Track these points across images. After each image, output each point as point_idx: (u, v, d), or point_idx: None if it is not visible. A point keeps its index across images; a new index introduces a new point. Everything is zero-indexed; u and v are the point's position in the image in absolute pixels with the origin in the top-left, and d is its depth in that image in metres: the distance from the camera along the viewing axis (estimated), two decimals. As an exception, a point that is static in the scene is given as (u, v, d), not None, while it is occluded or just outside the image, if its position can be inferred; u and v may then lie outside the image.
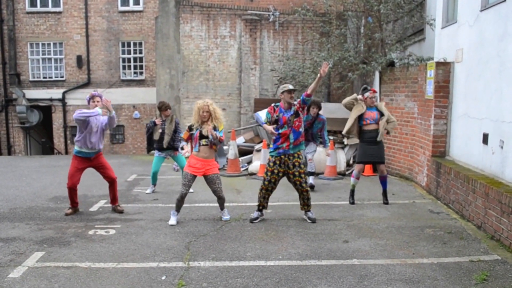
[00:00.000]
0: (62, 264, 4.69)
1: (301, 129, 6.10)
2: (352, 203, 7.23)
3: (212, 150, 6.07)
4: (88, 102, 6.62)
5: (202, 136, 5.99)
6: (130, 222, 6.29)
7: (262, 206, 6.29)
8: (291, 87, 6.00)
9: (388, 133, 7.25)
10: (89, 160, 6.59)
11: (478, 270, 4.52)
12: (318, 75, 5.85)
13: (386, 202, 7.18)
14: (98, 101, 6.53)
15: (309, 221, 6.21)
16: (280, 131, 6.01)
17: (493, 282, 4.24)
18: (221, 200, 6.30)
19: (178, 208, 6.20)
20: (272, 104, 6.20)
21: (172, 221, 6.16)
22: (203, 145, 5.99)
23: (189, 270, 4.56)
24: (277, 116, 6.03)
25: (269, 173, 6.10)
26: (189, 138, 6.15)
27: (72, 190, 6.61)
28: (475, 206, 5.97)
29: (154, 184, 8.32)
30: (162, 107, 7.93)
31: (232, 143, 10.16)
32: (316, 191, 8.12)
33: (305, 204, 6.26)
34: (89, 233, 5.77)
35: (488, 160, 6.24)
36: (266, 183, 6.15)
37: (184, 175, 6.09)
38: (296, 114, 6.02)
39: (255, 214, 6.29)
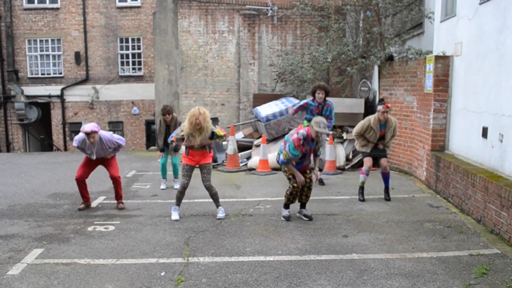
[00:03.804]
0: (61, 261, 4.68)
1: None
2: (362, 200, 7.09)
3: (203, 149, 6.17)
4: (82, 142, 6.39)
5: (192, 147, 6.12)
6: (129, 218, 6.28)
7: (291, 202, 6.14)
8: (322, 127, 5.64)
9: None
10: (96, 159, 6.69)
11: (477, 264, 4.52)
12: None
13: (388, 198, 7.13)
14: (93, 137, 6.23)
15: (305, 218, 6.12)
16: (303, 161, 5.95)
17: (493, 276, 4.24)
18: (210, 192, 6.22)
19: (179, 201, 6.23)
20: (301, 140, 5.72)
21: (175, 216, 6.17)
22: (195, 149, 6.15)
23: (188, 266, 4.56)
24: (305, 150, 5.84)
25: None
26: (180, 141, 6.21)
27: (80, 183, 6.67)
28: (475, 200, 5.97)
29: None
30: (164, 111, 7.83)
31: (231, 139, 10.14)
32: (315, 186, 8.08)
33: (307, 199, 6.21)
34: (88, 229, 5.77)
35: (488, 154, 6.22)
36: (295, 184, 5.94)
37: (183, 166, 6.17)
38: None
39: (287, 212, 6.11)
